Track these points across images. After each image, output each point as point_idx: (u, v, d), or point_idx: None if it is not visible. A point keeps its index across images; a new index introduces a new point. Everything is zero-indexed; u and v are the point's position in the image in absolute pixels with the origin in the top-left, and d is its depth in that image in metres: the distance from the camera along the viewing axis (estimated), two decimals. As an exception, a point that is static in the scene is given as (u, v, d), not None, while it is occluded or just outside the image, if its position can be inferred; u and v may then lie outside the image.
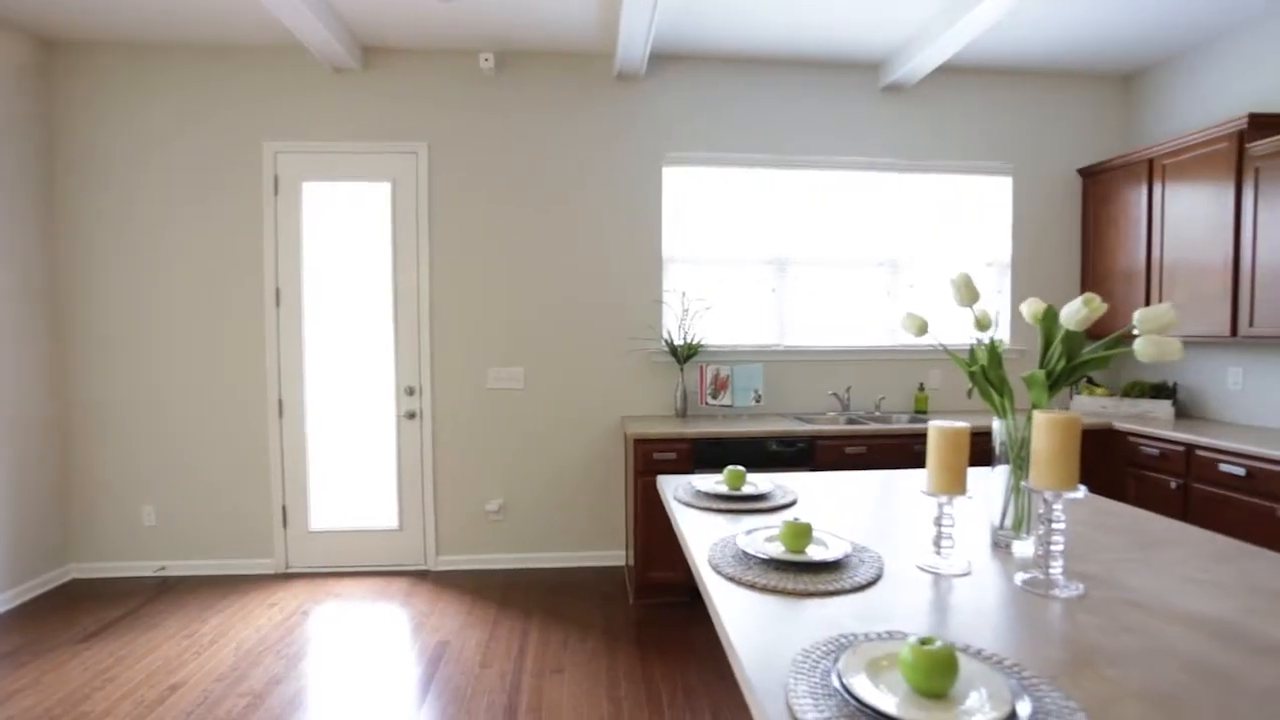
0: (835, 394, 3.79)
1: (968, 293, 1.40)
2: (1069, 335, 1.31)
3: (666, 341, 3.66)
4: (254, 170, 3.59)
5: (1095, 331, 3.47)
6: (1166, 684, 0.90)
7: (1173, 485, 3.11)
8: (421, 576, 3.64)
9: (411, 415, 3.72)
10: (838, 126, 3.87)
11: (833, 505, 1.84)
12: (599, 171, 3.74)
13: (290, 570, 3.69)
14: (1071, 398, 3.90)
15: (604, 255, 3.76)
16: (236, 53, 3.56)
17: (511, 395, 3.75)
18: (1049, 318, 1.35)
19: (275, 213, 3.61)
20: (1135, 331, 1.26)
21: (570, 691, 2.47)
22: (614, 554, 3.82)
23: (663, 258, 3.79)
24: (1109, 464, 3.48)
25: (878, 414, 3.80)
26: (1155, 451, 3.23)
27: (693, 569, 1.40)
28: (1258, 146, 2.97)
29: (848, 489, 2.03)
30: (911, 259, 3.94)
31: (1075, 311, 1.25)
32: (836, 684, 0.85)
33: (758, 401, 3.65)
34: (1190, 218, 3.31)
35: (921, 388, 3.88)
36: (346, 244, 3.68)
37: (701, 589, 1.29)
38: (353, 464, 3.73)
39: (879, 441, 3.32)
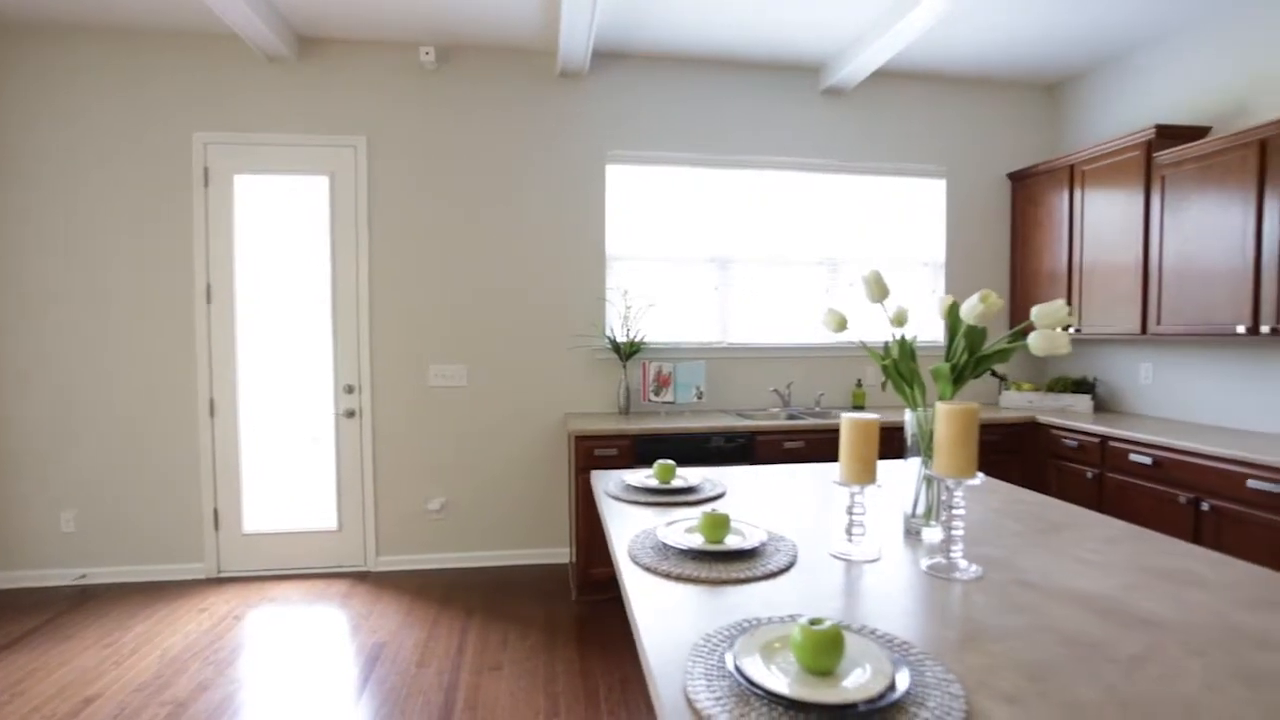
0: (776, 390, 3.87)
1: (878, 289, 1.45)
2: (970, 330, 1.37)
3: (610, 339, 3.67)
4: (182, 161, 3.46)
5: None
6: (1042, 656, 0.95)
7: (1089, 475, 3.28)
8: (361, 578, 3.57)
9: (351, 414, 3.64)
10: (780, 128, 3.94)
11: (761, 497, 1.88)
12: (542, 168, 3.73)
13: (223, 575, 3.57)
14: (1000, 393, 4.07)
15: (547, 252, 3.75)
16: (163, 38, 3.42)
17: (454, 393, 3.71)
18: (953, 313, 1.41)
19: (206, 206, 3.49)
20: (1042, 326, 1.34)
21: (508, 688, 2.46)
22: (557, 551, 3.81)
23: (606, 255, 3.80)
24: (1033, 456, 3.65)
25: (817, 409, 3.89)
26: (1075, 443, 3.39)
27: (614, 561, 1.42)
28: (1164, 156, 3.15)
29: (778, 481, 2.08)
30: (851, 258, 4.05)
31: (973, 307, 1.31)
32: (730, 666, 0.88)
33: (700, 398, 3.69)
34: (1106, 222, 3.49)
35: (859, 384, 3.99)
36: (282, 239, 3.57)
37: (620, 580, 1.30)
38: (289, 464, 3.63)
39: (816, 436, 3.41)
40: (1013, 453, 3.63)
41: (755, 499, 1.86)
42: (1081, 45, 3.66)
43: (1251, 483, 2.52)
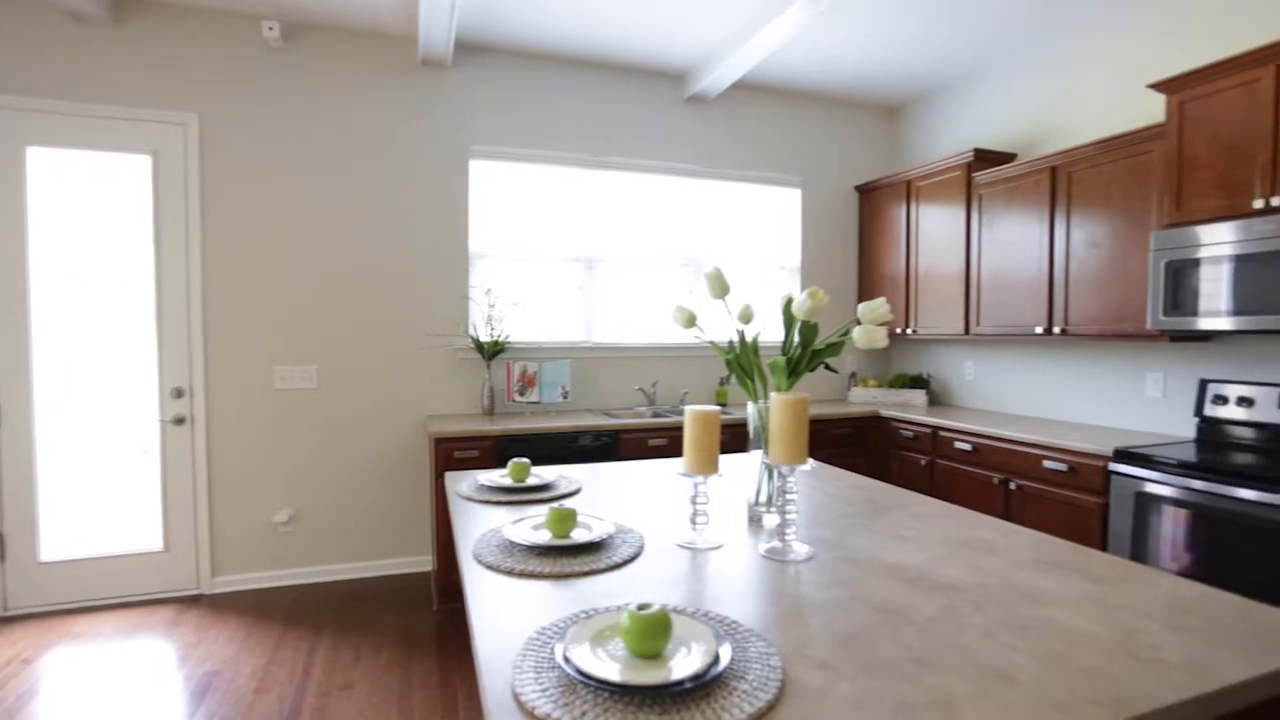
0: (642, 389, 3.93)
1: (718, 286, 1.51)
2: (804, 325, 1.46)
3: (473, 338, 3.56)
4: (-41, 128, 2.95)
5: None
6: (855, 624, 1.03)
7: (923, 462, 3.62)
8: (192, 602, 3.21)
9: (180, 420, 3.28)
10: (645, 132, 4.02)
11: (617, 492, 1.90)
12: (401, 160, 3.55)
13: (11, 612, 3.07)
14: (849, 389, 4.39)
15: (408, 248, 3.58)
16: (-69, -17, 2.91)
17: (303, 396, 3.44)
18: (788, 310, 1.49)
19: (-11, 181, 3.00)
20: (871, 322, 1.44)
21: (358, 707, 2.31)
22: (418, 559, 3.64)
23: (469, 252, 3.69)
24: (877, 446, 3.96)
25: (682, 407, 3.99)
26: (911, 434, 3.72)
27: (459, 562, 1.37)
28: (980, 176, 3.54)
29: (635, 476, 2.11)
30: (713, 260, 4.20)
31: (802, 303, 1.39)
32: (559, 657, 0.87)
33: (565, 398, 3.68)
34: (936, 234, 3.87)
35: (722, 382, 4.15)
36: (93, 223, 3.15)
37: (462, 581, 1.26)
38: (103, 479, 3.20)
39: (680, 433, 3.50)
40: (859, 444, 3.93)
41: (611, 494, 1.87)
42: (916, 72, 4.03)
43: (1046, 463, 2.88)
